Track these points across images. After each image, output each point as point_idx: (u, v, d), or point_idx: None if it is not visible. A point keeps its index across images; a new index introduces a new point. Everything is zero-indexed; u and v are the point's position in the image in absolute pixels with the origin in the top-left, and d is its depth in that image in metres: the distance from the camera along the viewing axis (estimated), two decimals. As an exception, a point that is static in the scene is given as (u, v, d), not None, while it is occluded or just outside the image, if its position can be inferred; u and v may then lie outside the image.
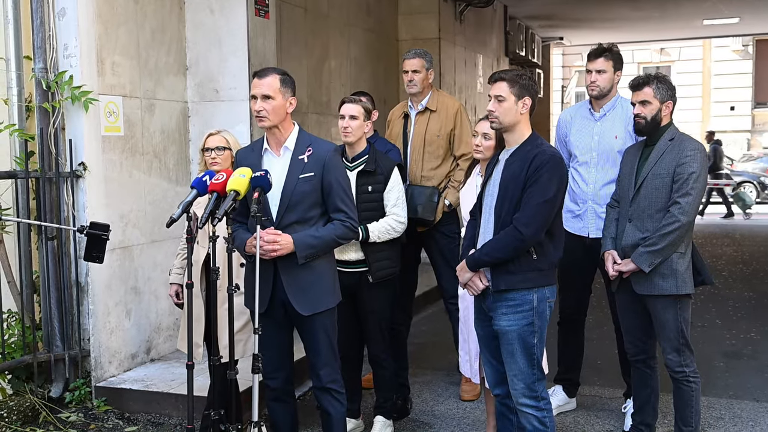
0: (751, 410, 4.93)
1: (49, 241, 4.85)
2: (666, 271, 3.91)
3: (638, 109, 3.99)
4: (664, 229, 3.86)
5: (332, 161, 3.57)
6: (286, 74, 3.55)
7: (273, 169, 3.50)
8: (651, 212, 3.94)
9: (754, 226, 15.53)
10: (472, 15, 11.36)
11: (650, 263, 3.88)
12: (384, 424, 4.56)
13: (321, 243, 3.52)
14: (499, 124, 3.52)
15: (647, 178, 3.95)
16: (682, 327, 3.97)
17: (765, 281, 9.37)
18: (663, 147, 3.96)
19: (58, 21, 4.79)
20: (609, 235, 4.16)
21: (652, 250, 3.88)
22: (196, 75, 5.76)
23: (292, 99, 3.55)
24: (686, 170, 3.86)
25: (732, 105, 27.54)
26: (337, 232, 3.56)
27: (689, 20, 15.13)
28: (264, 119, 3.49)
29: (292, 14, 7.11)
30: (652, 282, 3.93)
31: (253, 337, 3.37)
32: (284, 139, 3.57)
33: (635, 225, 3.99)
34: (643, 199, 3.96)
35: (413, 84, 5.15)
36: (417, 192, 5.01)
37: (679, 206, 3.86)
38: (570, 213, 4.71)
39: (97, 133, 4.95)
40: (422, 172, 5.14)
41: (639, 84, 4.01)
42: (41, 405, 4.75)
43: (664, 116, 3.99)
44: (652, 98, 3.96)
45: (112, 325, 5.09)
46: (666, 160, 3.92)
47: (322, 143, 3.63)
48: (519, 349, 3.49)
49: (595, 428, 4.71)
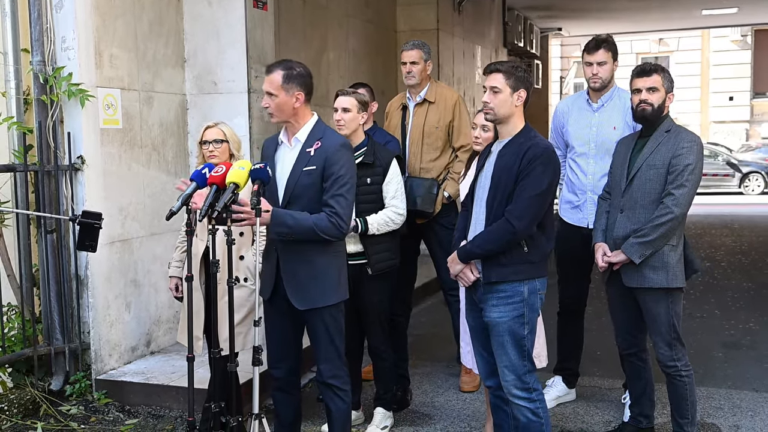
0: (750, 400, 4.94)
1: (48, 234, 4.84)
2: (657, 264, 3.87)
3: (645, 95, 3.91)
4: (657, 221, 3.83)
5: (335, 156, 3.48)
6: (292, 68, 3.49)
7: (284, 160, 3.53)
8: (644, 203, 3.90)
9: (753, 216, 15.54)
10: (471, 6, 11.34)
11: (641, 254, 3.84)
12: (384, 415, 4.56)
13: (297, 225, 3.40)
14: (494, 116, 3.50)
15: (641, 168, 3.91)
16: (674, 321, 3.93)
17: (764, 272, 9.38)
18: (659, 138, 3.92)
19: (56, 13, 4.78)
20: (600, 227, 4.13)
21: (644, 241, 3.84)
22: (194, 67, 5.74)
23: (299, 93, 3.49)
24: (682, 162, 3.83)
25: (731, 95, 27.51)
26: (318, 222, 3.41)
27: (688, 10, 15.11)
28: (271, 115, 3.53)
29: (290, 6, 7.09)
30: (642, 274, 3.89)
31: (253, 329, 3.37)
32: (297, 130, 3.56)
33: (627, 216, 3.95)
34: (636, 190, 3.93)
35: (411, 75, 5.14)
36: (416, 184, 5.01)
37: (673, 197, 3.82)
38: (569, 204, 4.72)
39: (95, 126, 4.94)
40: (421, 163, 5.13)
41: (649, 70, 3.95)
42: (42, 398, 4.76)
43: (666, 107, 3.97)
44: (660, 86, 3.92)
45: (112, 317, 5.09)
46: (662, 151, 3.89)
47: (332, 137, 3.56)
48: (509, 340, 3.48)
49: (595, 419, 4.72)
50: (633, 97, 4.00)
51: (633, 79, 4.01)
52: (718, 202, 18.03)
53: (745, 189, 20.60)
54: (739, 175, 20.66)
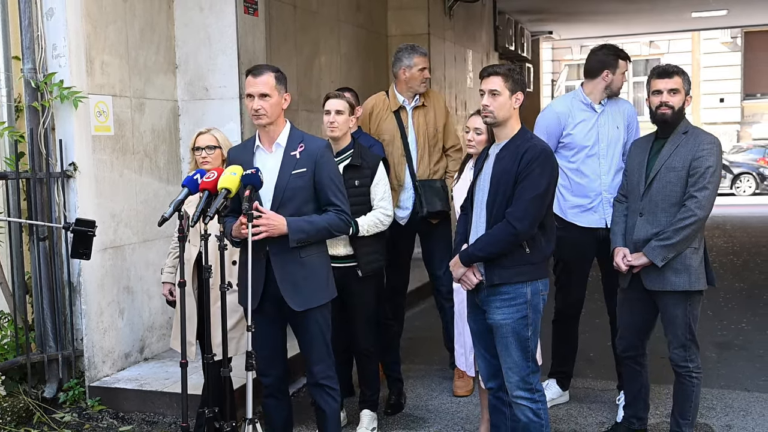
0: (742, 400, 4.96)
1: (40, 241, 4.84)
2: (679, 267, 3.85)
3: (666, 97, 3.84)
4: (680, 224, 3.80)
5: (324, 157, 3.60)
6: (279, 71, 3.58)
7: (265, 166, 3.52)
8: (664, 206, 3.86)
9: (745, 217, 15.59)
10: (462, 10, 11.36)
11: (663, 257, 3.82)
12: (371, 417, 4.58)
13: (314, 229, 3.52)
14: (494, 119, 3.52)
15: (660, 171, 3.87)
16: (691, 323, 3.92)
17: (755, 272, 9.42)
18: (677, 140, 3.87)
19: (47, 21, 4.78)
20: (619, 231, 4.08)
21: (667, 244, 3.81)
22: (185, 73, 5.75)
23: (287, 95, 3.59)
24: (703, 164, 3.78)
25: (721, 97, 27.60)
26: (331, 221, 3.57)
27: (678, 12, 15.16)
28: (262, 117, 3.51)
29: (281, 11, 7.10)
30: (664, 277, 3.87)
31: (246, 334, 3.38)
32: (276, 135, 3.59)
33: (647, 219, 3.91)
34: (656, 192, 3.88)
35: (424, 85, 5.26)
36: (428, 186, 5.11)
37: (695, 200, 3.78)
38: (579, 208, 4.62)
39: (87, 133, 4.94)
40: (430, 166, 5.19)
41: (670, 72, 3.87)
42: (35, 406, 4.75)
43: (684, 109, 3.90)
44: (681, 87, 3.87)
45: (105, 324, 5.09)
46: (681, 153, 3.84)
47: (313, 140, 3.66)
48: (513, 342, 3.50)
49: (588, 420, 4.73)
50: (652, 99, 3.91)
51: (652, 80, 3.92)
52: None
53: (736, 190, 20.64)
54: (730, 176, 20.71)
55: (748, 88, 27.60)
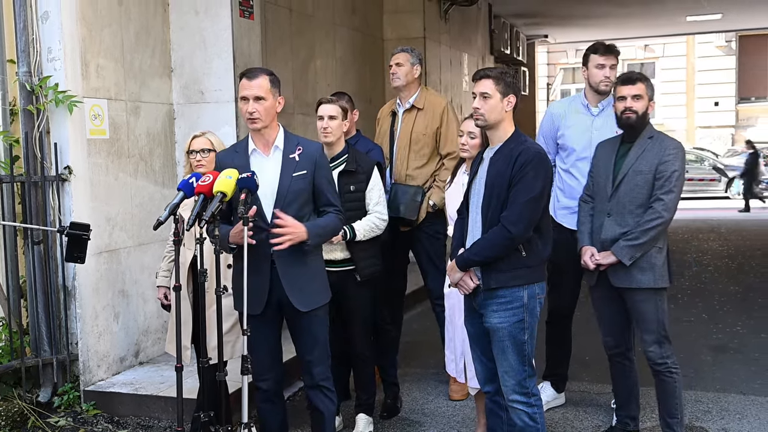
0: (738, 403, 4.97)
1: (35, 245, 4.82)
2: (644, 265, 3.98)
3: (630, 102, 4.01)
4: (647, 225, 3.93)
5: (322, 160, 3.67)
6: (273, 74, 3.58)
7: (263, 169, 3.51)
8: (632, 208, 3.99)
9: (739, 220, 15.64)
10: (457, 14, 11.38)
11: (631, 256, 3.95)
12: (367, 421, 4.57)
13: (325, 232, 3.64)
14: (485, 122, 3.53)
15: (628, 174, 4.00)
16: (662, 318, 4.03)
17: (750, 275, 9.44)
18: (643, 144, 4.01)
19: (42, 24, 4.77)
20: (586, 230, 4.19)
21: (634, 244, 3.94)
22: (181, 77, 5.74)
23: (281, 98, 3.60)
24: (669, 168, 3.94)
25: (716, 101, 27.69)
26: (335, 223, 3.67)
27: (672, 16, 15.21)
28: (257, 120, 3.50)
29: (277, 15, 7.10)
30: (630, 275, 3.99)
31: (241, 338, 3.37)
32: (273, 138, 3.59)
33: (615, 220, 4.03)
34: (623, 194, 4.01)
35: (396, 77, 5.13)
36: (401, 191, 5.02)
37: (662, 203, 3.93)
38: (567, 210, 4.66)
39: (82, 137, 4.93)
40: (407, 170, 5.13)
41: (634, 78, 4.05)
42: (30, 410, 4.73)
43: (648, 114, 4.06)
44: (644, 93, 4.01)
45: (100, 328, 5.07)
46: (647, 157, 3.98)
47: (309, 142, 3.69)
48: (510, 346, 3.51)
49: (584, 423, 4.73)
50: (617, 104, 4.08)
51: (617, 87, 4.10)
52: (705, 207, 18.14)
53: (731, 193, 20.70)
54: (725, 179, 20.77)
55: (742, 91, 27.70)
